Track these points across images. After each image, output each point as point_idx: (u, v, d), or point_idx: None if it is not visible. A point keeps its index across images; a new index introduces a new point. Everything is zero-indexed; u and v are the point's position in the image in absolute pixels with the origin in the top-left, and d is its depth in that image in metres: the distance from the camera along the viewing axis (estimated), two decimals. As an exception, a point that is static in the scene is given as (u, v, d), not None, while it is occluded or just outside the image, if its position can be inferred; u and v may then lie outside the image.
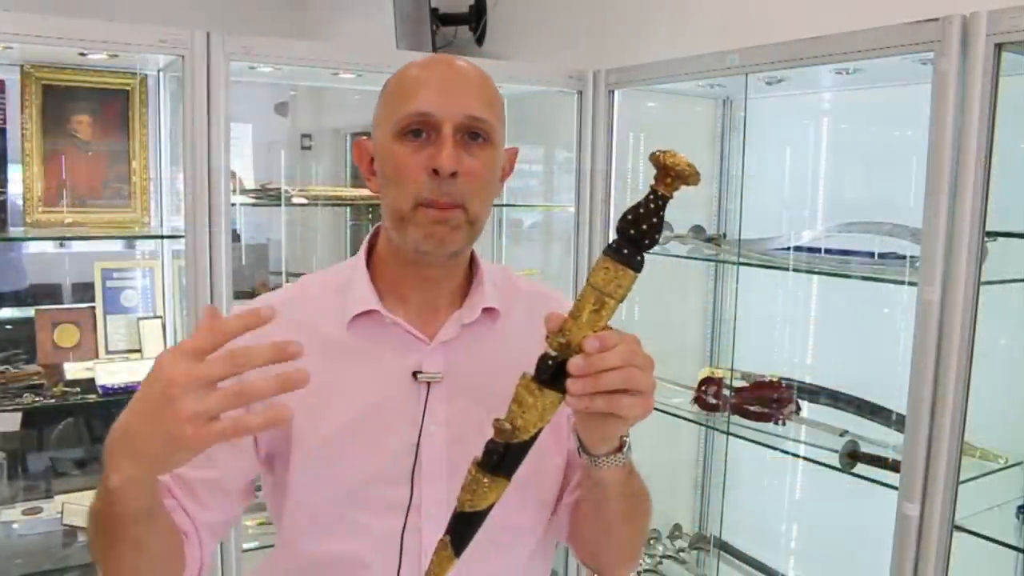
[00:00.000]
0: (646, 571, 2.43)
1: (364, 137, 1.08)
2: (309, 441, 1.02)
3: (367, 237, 1.11)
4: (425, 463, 1.01)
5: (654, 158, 0.79)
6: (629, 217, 0.80)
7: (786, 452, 2.03)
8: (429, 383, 1.03)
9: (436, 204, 0.97)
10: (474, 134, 0.99)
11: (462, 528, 0.87)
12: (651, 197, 0.80)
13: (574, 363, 0.80)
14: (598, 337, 0.80)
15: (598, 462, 0.92)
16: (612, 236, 0.83)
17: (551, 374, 0.82)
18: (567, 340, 0.81)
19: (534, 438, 0.84)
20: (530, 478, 1.04)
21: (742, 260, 2.15)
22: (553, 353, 0.82)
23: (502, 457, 0.84)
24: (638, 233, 0.80)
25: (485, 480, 0.85)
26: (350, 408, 1.02)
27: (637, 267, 0.80)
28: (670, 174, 0.78)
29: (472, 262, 1.11)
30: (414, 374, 1.03)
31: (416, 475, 1.01)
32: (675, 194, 0.81)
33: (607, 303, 0.81)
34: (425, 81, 1.00)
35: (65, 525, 2.10)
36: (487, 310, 1.07)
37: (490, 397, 0.88)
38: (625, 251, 0.80)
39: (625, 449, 0.92)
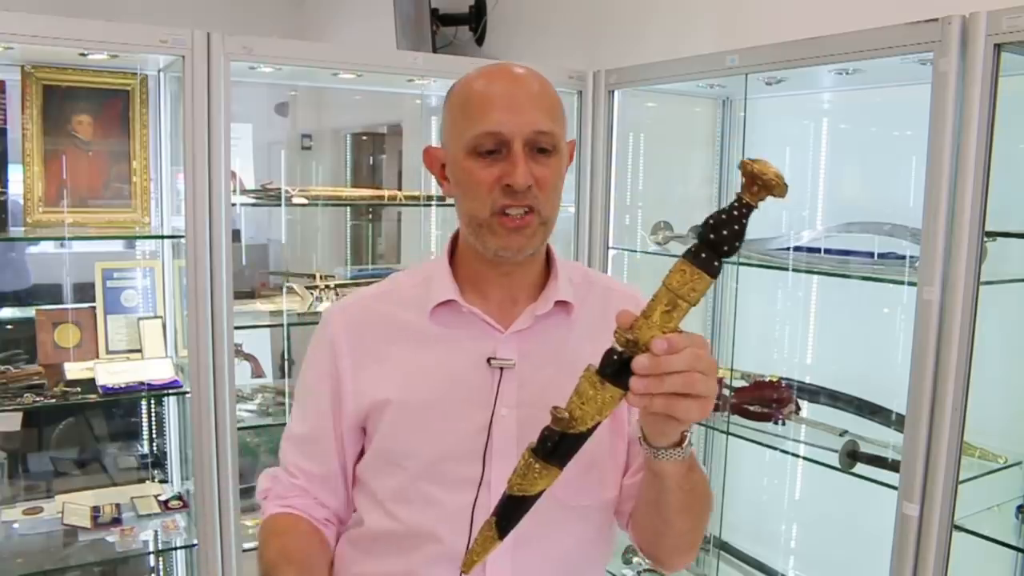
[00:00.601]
0: (646, 571, 2.43)
1: (431, 146, 1.16)
2: (393, 417, 1.11)
3: (450, 237, 1.19)
4: (496, 443, 1.07)
5: (743, 165, 0.79)
6: (711, 222, 0.81)
7: (786, 452, 2.03)
8: (502, 368, 1.10)
9: (512, 207, 1.05)
10: (542, 148, 1.06)
11: (509, 511, 0.89)
12: (735, 205, 0.80)
13: (639, 362, 0.81)
14: (666, 339, 0.81)
15: (658, 454, 0.94)
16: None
17: (615, 369, 0.82)
18: (635, 337, 0.81)
19: (591, 431, 0.85)
20: (592, 461, 1.09)
21: (742, 260, 2.15)
22: (620, 349, 0.83)
23: (556, 445, 0.85)
24: (718, 238, 0.80)
25: (537, 466, 0.86)
26: (429, 388, 1.11)
27: (713, 272, 0.81)
28: (756, 182, 0.79)
29: (549, 258, 1.18)
30: (488, 360, 1.10)
31: (487, 454, 1.07)
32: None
33: (679, 305, 0.81)
34: (492, 99, 1.06)
35: (65, 525, 2.11)
36: (561, 303, 1.13)
37: (560, 384, 0.90)
38: (703, 255, 0.80)
39: (685, 444, 0.94)
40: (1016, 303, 1.73)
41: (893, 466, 1.73)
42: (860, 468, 1.83)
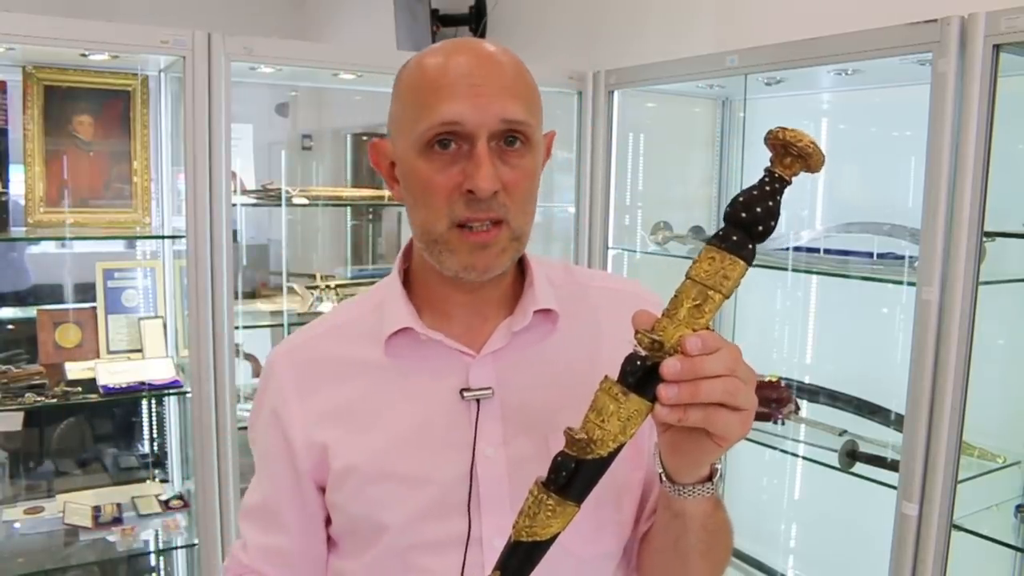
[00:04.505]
0: (646, 570, 2.44)
1: (379, 139, 0.95)
2: (356, 482, 0.93)
3: (401, 251, 1.00)
4: (484, 491, 0.89)
5: (772, 135, 0.68)
6: (740, 200, 0.69)
7: (785, 452, 2.03)
8: (479, 400, 0.91)
9: (474, 220, 0.86)
10: (511, 139, 0.87)
11: (517, 562, 0.73)
12: (766, 180, 0.69)
13: (669, 365, 0.67)
14: (700, 336, 0.68)
15: (683, 492, 0.80)
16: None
17: (639, 378, 0.69)
18: (660, 339, 0.69)
19: (613, 455, 0.71)
20: (607, 495, 0.90)
21: (742, 260, 2.15)
22: (643, 353, 0.69)
23: (572, 475, 0.70)
24: (750, 217, 0.68)
25: (550, 502, 0.71)
26: (393, 436, 0.92)
27: (748, 257, 0.69)
28: (790, 152, 0.68)
29: (521, 263, 0.98)
30: (461, 392, 0.91)
31: (473, 506, 0.89)
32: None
33: (711, 298, 0.69)
34: (450, 81, 0.85)
35: (66, 524, 2.11)
36: (541, 312, 0.94)
37: (554, 409, 0.78)
38: (734, 238, 0.69)
39: (716, 478, 0.81)
40: (1015, 303, 1.73)
41: (892, 466, 1.73)
42: (859, 468, 1.84)
